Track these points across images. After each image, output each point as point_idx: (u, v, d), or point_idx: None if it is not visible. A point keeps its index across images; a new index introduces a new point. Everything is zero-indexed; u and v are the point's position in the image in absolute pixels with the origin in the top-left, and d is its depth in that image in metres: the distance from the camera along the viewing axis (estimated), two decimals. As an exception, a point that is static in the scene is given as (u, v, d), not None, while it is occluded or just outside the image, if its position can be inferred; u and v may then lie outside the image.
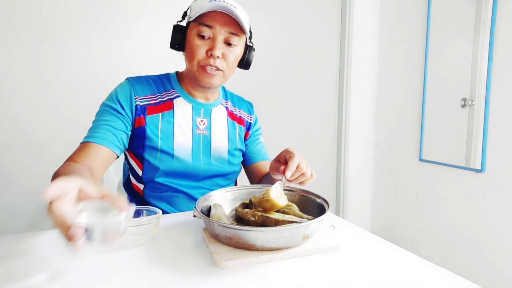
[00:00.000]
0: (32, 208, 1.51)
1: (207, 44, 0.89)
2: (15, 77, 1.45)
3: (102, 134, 0.86)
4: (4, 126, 1.45)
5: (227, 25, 0.88)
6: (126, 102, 0.91)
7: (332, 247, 0.65)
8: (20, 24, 1.43)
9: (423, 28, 1.81)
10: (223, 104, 1.06)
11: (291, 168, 0.73)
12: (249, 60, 1.00)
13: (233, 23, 0.88)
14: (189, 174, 0.96)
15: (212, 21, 0.87)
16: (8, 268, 0.58)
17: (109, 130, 0.87)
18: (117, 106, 0.90)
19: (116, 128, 0.88)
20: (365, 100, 2.17)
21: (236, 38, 0.91)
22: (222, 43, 0.89)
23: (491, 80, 1.48)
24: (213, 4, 0.84)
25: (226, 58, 0.91)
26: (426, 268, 0.60)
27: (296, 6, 2.02)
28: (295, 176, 0.76)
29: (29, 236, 0.72)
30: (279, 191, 0.73)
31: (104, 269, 0.58)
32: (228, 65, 0.92)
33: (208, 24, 0.87)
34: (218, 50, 0.88)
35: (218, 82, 0.93)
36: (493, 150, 1.50)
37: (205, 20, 0.87)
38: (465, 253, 1.65)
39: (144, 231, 0.67)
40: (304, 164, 0.77)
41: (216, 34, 0.88)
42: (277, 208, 0.71)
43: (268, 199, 0.70)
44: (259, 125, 1.16)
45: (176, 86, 0.99)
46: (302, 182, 0.79)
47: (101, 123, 0.88)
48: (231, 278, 0.55)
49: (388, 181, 2.12)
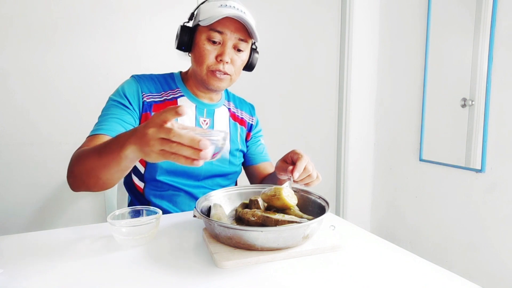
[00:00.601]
0: (32, 208, 1.52)
1: (216, 50, 0.90)
2: (18, 76, 1.45)
3: (112, 126, 0.85)
4: (4, 126, 1.45)
5: (237, 31, 0.89)
6: (133, 97, 0.91)
7: (332, 247, 0.65)
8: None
9: (423, 28, 1.81)
10: (226, 105, 1.07)
11: (299, 169, 0.75)
12: (254, 63, 1.02)
13: (242, 29, 0.90)
14: (191, 173, 0.97)
15: (223, 27, 0.88)
16: (8, 268, 0.58)
17: (119, 123, 0.86)
18: (124, 101, 0.90)
19: (125, 121, 0.88)
20: (365, 100, 2.17)
21: (244, 44, 0.92)
22: (231, 48, 0.91)
23: (491, 80, 1.48)
24: (227, 12, 0.85)
25: (234, 63, 0.92)
26: (426, 268, 0.60)
27: (296, 7, 2.02)
28: (302, 177, 0.77)
29: (30, 236, 0.72)
30: (290, 191, 0.75)
31: (104, 269, 0.58)
32: (235, 69, 0.94)
33: (219, 30, 0.88)
34: (228, 56, 0.90)
35: (225, 85, 0.95)
36: (493, 150, 1.50)
37: (216, 25, 0.88)
38: (465, 253, 1.65)
39: (144, 231, 0.67)
40: (311, 166, 0.78)
41: (226, 40, 0.89)
42: (287, 207, 0.72)
43: (280, 197, 0.71)
44: (260, 127, 1.17)
45: (180, 86, 1.00)
46: (308, 183, 0.80)
47: (109, 116, 0.87)
48: (231, 278, 0.55)
49: (388, 181, 2.12)
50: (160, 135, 0.53)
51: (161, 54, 1.68)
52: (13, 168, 1.47)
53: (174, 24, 1.70)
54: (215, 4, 0.89)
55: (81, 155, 0.72)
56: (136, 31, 1.62)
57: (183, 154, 0.52)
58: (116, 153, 0.60)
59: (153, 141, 0.53)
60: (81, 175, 0.70)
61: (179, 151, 0.52)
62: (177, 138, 0.52)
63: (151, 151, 0.54)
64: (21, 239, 0.70)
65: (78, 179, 0.72)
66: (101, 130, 0.83)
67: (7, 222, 1.48)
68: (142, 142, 0.55)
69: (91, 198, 1.62)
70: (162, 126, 0.53)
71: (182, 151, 0.52)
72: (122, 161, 0.60)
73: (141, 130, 0.55)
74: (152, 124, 0.54)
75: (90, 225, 0.78)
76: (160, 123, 0.53)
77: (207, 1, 0.93)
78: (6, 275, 0.56)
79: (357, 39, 2.09)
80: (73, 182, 0.74)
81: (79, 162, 0.71)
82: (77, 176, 0.72)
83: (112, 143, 0.63)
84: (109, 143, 0.64)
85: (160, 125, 0.53)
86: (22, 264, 0.60)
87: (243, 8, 0.90)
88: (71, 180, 0.74)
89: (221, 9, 0.87)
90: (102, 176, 0.66)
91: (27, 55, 1.46)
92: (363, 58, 2.12)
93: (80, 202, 1.60)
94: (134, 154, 0.58)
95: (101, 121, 0.87)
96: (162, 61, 1.68)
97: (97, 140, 0.80)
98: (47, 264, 0.60)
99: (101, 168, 0.65)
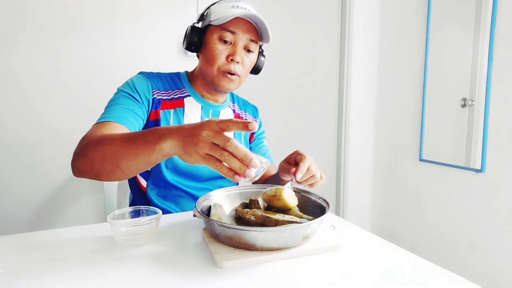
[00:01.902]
0: (32, 208, 1.52)
1: (227, 50, 0.90)
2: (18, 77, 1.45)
3: (123, 114, 0.82)
4: (5, 126, 1.45)
5: (249, 32, 0.90)
6: (144, 92, 0.91)
7: (332, 247, 0.65)
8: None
9: (423, 28, 1.81)
10: (230, 107, 1.08)
11: (301, 170, 0.75)
12: (260, 66, 1.02)
13: (254, 30, 0.90)
14: (194, 174, 0.97)
15: (235, 27, 0.88)
16: (8, 268, 0.58)
17: (130, 113, 0.84)
18: (135, 94, 0.89)
19: (136, 113, 0.86)
20: (365, 100, 2.17)
21: (254, 45, 0.93)
22: (242, 49, 0.91)
23: (491, 80, 1.48)
24: (241, 12, 0.85)
25: (243, 63, 0.93)
26: (426, 268, 0.60)
27: (296, 7, 2.02)
28: (305, 178, 0.77)
29: (29, 236, 0.72)
30: (291, 192, 0.74)
31: (104, 269, 0.58)
32: (244, 70, 0.94)
33: (231, 30, 0.88)
34: (239, 55, 0.90)
35: (234, 87, 0.95)
36: (493, 150, 1.50)
37: (229, 25, 0.88)
38: (465, 253, 1.65)
39: (144, 231, 0.67)
40: (314, 166, 0.78)
41: (238, 40, 0.90)
42: (288, 207, 0.72)
43: (280, 198, 0.71)
44: (263, 129, 1.18)
45: (186, 86, 1.00)
46: (312, 184, 0.80)
47: (119, 106, 0.84)
48: (231, 278, 0.55)
49: (388, 181, 2.12)
50: (215, 140, 0.53)
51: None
52: (13, 168, 1.47)
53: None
54: (227, 5, 0.90)
55: (101, 139, 0.67)
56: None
57: (232, 165, 0.53)
58: (151, 144, 0.59)
59: (203, 144, 0.53)
60: (96, 160, 0.66)
61: (229, 161, 0.53)
62: (233, 149, 0.52)
63: (195, 152, 0.54)
64: (21, 239, 0.70)
65: (89, 164, 0.68)
66: (111, 117, 0.80)
67: (7, 222, 1.48)
68: (188, 141, 0.55)
69: (91, 198, 1.62)
70: (220, 133, 0.53)
71: (231, 162, 0.53)
72: (154, 154, 0.59)
73: (192, 129, 0.55)
74: (208, 127, 0.54)
75: (90, 225, 0.78)
76: (218, 130, 0.53)
77: (218, 2, 0.93)
78: (6, 275, 0.56)
79: (357, 39, 2.09)
80: (80, 166, 0.70)
81: (97, 146, 0.67)
82: (90, 161, 0.67)
83: (146, 134, 0.61)
84: (143, 133, 0.62)
85: (217, 131, 0.53)
86: (22, 264, 0.60)
87: (254, 11, 0.91)
88: (80, 163, 0.69)
89: (233, 10, 0.88)
90: (123, 165, 0.63)
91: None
92: (363, 58, 2.12)
93: (80, 202, 1.60)
94: (171, 149, 0.57)
95: (109, 110, 0.83)
96: (167, 62, 1.68)
97: (107, 128, 0.77)
98: (47, 264, 0.60)
99: (126, 156, 0.62)
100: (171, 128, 0.59)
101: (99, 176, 0.69)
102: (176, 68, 1.07)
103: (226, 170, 0.54)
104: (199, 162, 0.55)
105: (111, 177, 0.68)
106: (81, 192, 1.60)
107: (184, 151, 0.56)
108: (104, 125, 0.78)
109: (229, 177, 0.54)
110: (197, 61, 1.01)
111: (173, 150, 0.57)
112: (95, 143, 0.68)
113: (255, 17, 0.87)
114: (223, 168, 0.54)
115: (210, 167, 0.54)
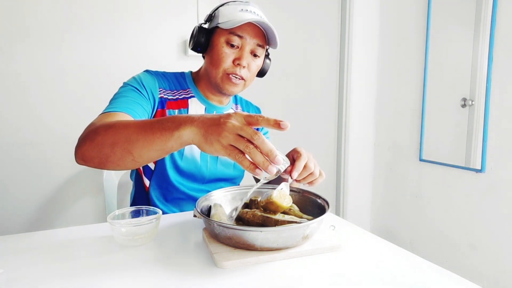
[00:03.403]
0: (32, 208, 1.52)
1: (234, 53, 0.90)
2: (18, 78, 1.45)
3: (131, 106, 0.80)
4: (5, 126, 1.45)
5: (257, 37, 0.90)
6: (151, 90, 0.90)
7: (332, 247, 0.65)
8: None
9: (423, 28, 1.81)
10: (233, 108, 1.08)
11: (297, 169, 0.73)
12: (265, 70, 1.02)
13: (261, 35, 0.90)
14: (196, 175, 0.97)
15: (243, 32, 0.88)
16: (8, 268, 0.58)
17: (137, 106, 0.82)
18: (142, 90, 0.87)
19: (143, 106, 0.84)
20: (365, 100, 2.17)
21: (261, 50, 0.93)
22: (249, 53, 0.91)
23: (491, 80, 1.48)
24: (249, 17, 0.85)
25: (250, 68, 0.92)
26: (426, 268, 0.60)
27: (296, 7, 2.02)
28: (303, 176, 0.76)
29: (30, 236, 0.72)
30: (282, 192, 0.72)
31: (105, 269, 0.58)
32: (250, 75, 0.94)
33: (239, 34, 0.88)
34: (246, 60, 0.90)
35: (239, 90, 0.95)
36: (493, 150, 1.50)
37: (237, 30, 0.87)
38: (465, 253, 1.65)
39: (144, 231, 0.67)
40: (312, 163, 0.76)
41: (245, 44, 0.89)
42: (283, 209, 0.71)
43: (272, 201, 0.70)
44: (266, 129, 1.17)
45: (191, 86, 1.00)
46: (311, 182, 0.79)
47: (127, 98, 0.82)
48: (231, 278, 0.55)
49: (388, 181, 2.12)
50: (242, 132, 0.53)
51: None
52: (13, 168, 1.47)
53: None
54: (235, 8, 0.89)
55: (114, 123, 0.64)
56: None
57: (255, 159, 0.53)
58: (169, 130, 0.57)
59: (228, 133, 0.53)
60: (107, 145, 0.62)
61: (253, 154, 0.53)
62: (260, 142, 0.53)
63: (218, 141, 0.54)
64: (21, 239, 0.70)
65: (97, 149, 0.64)
66: (119, 108, 0.78)
67: (7, 222, 1.48)
68: (211, 129, 0.54)
69: (91, 198, 1.62)
70: (248, 126, 0.53)
71: (255, 156, 0.53)
72: (171, 141, 0.57)
73: (216, 119, 0.55)
74: (235, 119, 0.54)
75: (90, 225, 0.78)
76: (245, 122, 0.54)
77: (227, 4, 0.92)
78: (6, 275, 0.56)
79: (357, 39, 2.09)
80: (86, 152, 0.65)
81: (108, 131, 0.63)
82: (98, 145, 0.63)
83: (165, 120, 0.59)
84: (160, 119, 0.60)
85: (244, 123, 0.54)
86: (22, 264, 0.60)
87: (262, 14, 0.91)
88: (86, 148, 0.65)
89: (242, 14, 0.87)
90: (135, 151, 0.60)
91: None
92: (363, 58, 2.12)
93: (80, 202, 1.60)
94: (190, 137, 0.56)
95: (117, 101, 0.81)
96: (167, 63, 1.68)
97: (116, 117, 0.74)
98: (47, 264, 0.60)
99: (140, 142, 0.60)
100: (192, 116, 0.58)
101: (106, 163, 0.65)
102: (176, 68, 1.07)
103: (248, 163, 0.54)
104: (219, 152, 0.54)
105: (119, 164, 0.64)
106: (81, 192, 1.60)
107: (205, 140, 0.55)
108: (112, 115, 0.75)
109: (249, 169, 0.54)
110: (197, 61, 1.01)
111: (192, 137, 0.56)
112: (106, 127, 0.64)
113: (264, 23, 0.86)
114: (245, 160, 0.54)
115: (231, 158, 0.54)
